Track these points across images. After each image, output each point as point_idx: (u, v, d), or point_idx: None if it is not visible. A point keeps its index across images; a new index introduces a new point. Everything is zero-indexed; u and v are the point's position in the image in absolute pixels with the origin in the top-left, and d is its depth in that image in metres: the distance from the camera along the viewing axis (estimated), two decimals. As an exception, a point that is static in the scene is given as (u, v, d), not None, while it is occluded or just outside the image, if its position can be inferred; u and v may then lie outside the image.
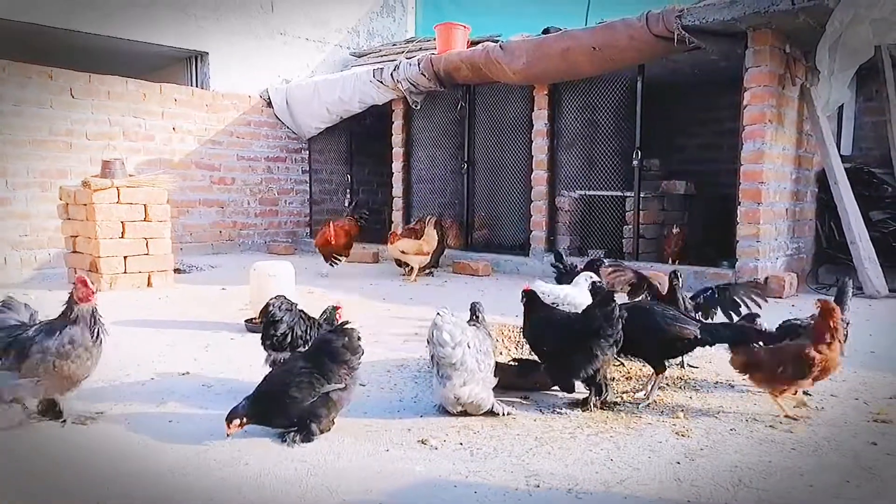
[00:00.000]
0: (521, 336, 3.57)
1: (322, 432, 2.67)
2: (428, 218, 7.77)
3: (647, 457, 2.52)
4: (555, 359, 3.11)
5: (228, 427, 2.56)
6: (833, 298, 3.38)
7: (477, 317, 3.10)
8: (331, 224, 7.75)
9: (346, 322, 2.80)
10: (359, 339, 2.74)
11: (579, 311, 3.29)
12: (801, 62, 6.75)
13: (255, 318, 4.86)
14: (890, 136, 7.17)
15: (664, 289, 3.81)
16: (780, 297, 6.11)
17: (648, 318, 3.24)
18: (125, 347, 4.21)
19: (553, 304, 3.65)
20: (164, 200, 6.85)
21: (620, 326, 3.00)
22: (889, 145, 7.16)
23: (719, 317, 3.72)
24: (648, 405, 3.09)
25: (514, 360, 3.52)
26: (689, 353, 3.44)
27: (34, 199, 8.29)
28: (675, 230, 7.47)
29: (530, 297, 3.27)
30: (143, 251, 6.66)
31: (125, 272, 6.54)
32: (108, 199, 6.42)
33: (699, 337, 3.10)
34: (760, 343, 3.00)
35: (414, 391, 3.31)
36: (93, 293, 2.72)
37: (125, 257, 6.55)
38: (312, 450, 2.55)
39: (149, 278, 6.70)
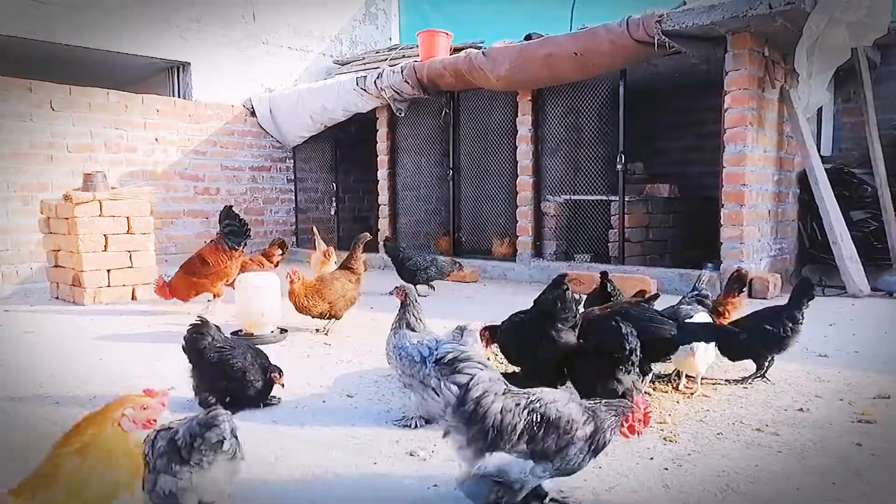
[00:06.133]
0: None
1: None
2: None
3: (636, 463, 2.53)
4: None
5: None
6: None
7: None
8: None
9: None
10: None
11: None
12: (781, 65, 6.83)
13: (241, 331, 4.84)
14: (868, 136, 7.26)
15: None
16: (765, 298, 6.16)
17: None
18: (110, 363, 4.16)
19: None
20: (147, 212, 6.79)
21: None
22: (868, 146, 7.26)
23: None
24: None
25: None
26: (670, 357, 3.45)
27: (15, 212, 8.18)
28: None
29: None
30: (126, 264, 6.60)
31: (109, 286, 6.47)
32: (90, 212, 6.36)
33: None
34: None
35: (401, 401, 3.29)
36: None
37: (108, 271, 6.48)
38: (301, 464, 2.53)
39: (133, 291, 6.63)
